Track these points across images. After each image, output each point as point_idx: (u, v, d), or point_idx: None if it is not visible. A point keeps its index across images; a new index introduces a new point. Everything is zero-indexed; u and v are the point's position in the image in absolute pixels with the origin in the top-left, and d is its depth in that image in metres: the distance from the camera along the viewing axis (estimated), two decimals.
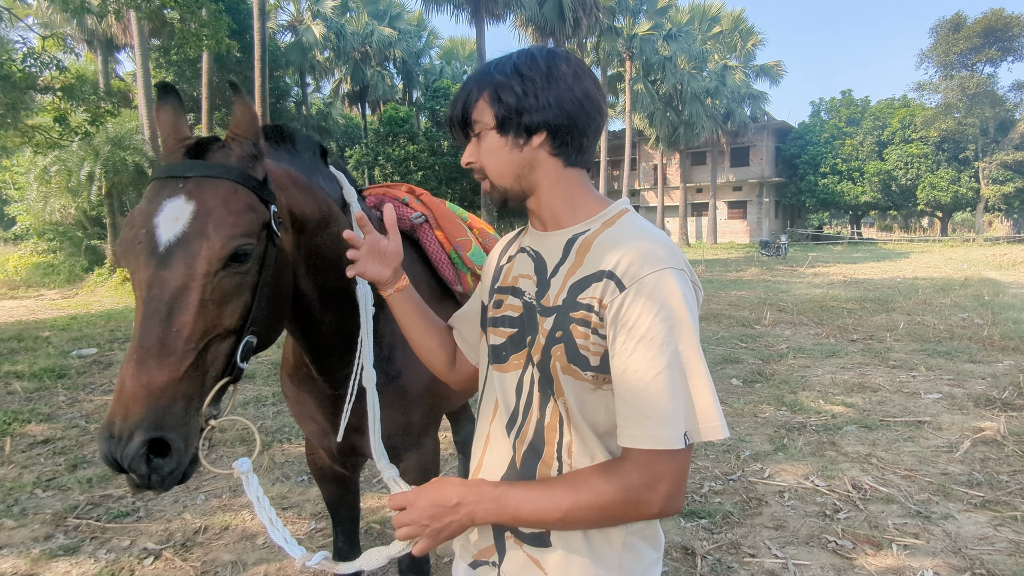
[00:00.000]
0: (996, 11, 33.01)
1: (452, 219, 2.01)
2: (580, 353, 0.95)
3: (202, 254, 1.05)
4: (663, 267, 0.90)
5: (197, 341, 1.04)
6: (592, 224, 1.02)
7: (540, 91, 0.97)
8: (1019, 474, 3.59)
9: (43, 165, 16.54)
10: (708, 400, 0.88)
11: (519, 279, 1.08)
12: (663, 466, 0.88)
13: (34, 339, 8.22)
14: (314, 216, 1.41)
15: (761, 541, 2.95)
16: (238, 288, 1.11)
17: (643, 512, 0.91)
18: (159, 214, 1.07)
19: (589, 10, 24.83)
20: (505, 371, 1.07)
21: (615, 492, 0.89)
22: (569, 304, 0.97)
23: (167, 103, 1.23)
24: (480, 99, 1.01)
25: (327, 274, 1.49)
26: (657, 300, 0.88)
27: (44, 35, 12.06)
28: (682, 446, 0.87)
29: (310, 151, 1.56)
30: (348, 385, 1.64)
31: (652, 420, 0.87)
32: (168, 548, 2.96)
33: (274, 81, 25.63)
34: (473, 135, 1.04)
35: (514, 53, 1.02)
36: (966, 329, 8.05)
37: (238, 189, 1.12)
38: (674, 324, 0.88)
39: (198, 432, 1.07)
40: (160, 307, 1.03)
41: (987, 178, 34.85)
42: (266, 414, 5.03)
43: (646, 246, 0.93)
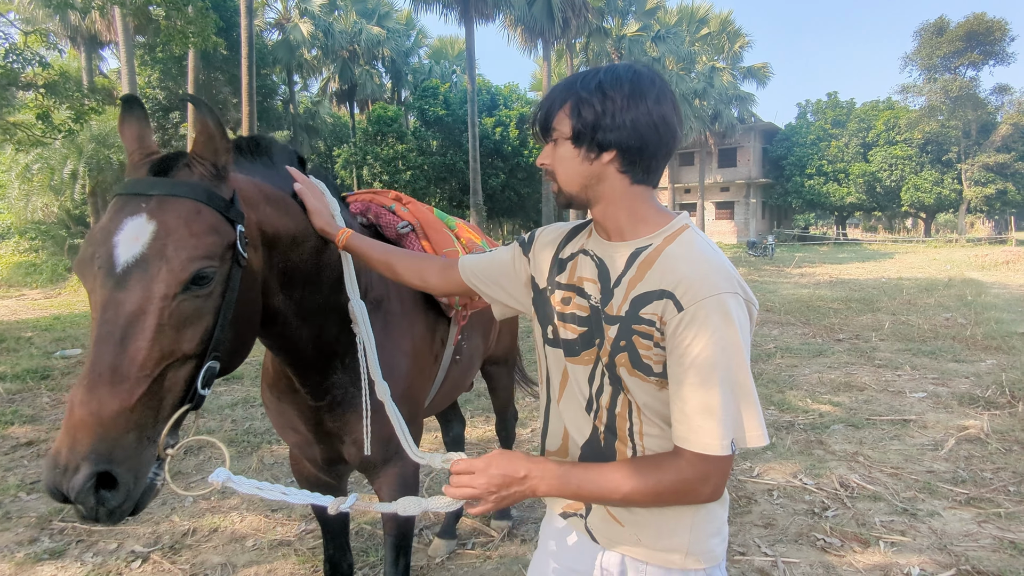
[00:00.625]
0: (978, 15, 33.50)
1: (439, 228, 1.99)
2: (643, 361, 1.06)
3: (160, 277, 1.01)
4: (719, 292, 0.99)
5: (152, 368, 1.00)
6: (654, 239, 1.09)
7: (618, 111, 1.02)
8: (1002, 471, 3.65)
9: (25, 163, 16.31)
10: (753, 412, 1.00)
11: (584, 281, 1.16)
12: (712, 467, 1.00)
13: (16, 340, 8.09)
14: (288, 232, 1.36)
15: (751, 539, 2.97)
16: (198, 312, 1.06)
17: (692, 499, 1.04)
18: (119, 232, 1.04)
19: (578, 10, 24.89)
20: (578, 364, 1.17)
21: (670, 483, 1.02)
22: (632, 317, 1.06)
23: (132, 115, 1.20)
24: (561, 109, 1.07)
25: (303, 290, 1.45)
26: (711, 324, 0.97)
27: (26, 31, 11.88)
28: (728, 453, 0.99)
29: (287, 162, 1.52)
30: (329, 396, 1.63)
31: (703, 430, 0.99)
32: (156, 551, 2.93)
33: (261, 79, 25.41)
34: (551, 140, 1.10)
35: (602, 69, 1.07)
36: (950, 329, 8.16)
37: (202, 209, 1.08)
38: (726, 346, 0.97)
39: (151, 463, 1.02)
40: (114, 331, 0.98)
41: (969, 180, 35.36)
42: (254, 415, 4.99)
43: (704, 269, 1.01)
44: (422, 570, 2.78)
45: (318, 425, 1.69)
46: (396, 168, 28.81)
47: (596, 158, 1.06)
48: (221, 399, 5.43)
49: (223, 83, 24.68)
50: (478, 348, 2.40)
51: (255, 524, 3.20)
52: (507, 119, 30.56)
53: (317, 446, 1.74)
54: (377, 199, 2.00)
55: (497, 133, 29.98)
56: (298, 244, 1.40)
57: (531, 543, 2.99)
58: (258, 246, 1.26)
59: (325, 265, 1.51)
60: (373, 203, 1.97)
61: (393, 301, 1.77)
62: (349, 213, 1.80)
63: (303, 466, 1.93)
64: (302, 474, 1.96)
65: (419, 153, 29.67)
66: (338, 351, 1.61)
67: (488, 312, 2.44)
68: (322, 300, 1.51)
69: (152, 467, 1.03)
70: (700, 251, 1.05)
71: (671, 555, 1.10)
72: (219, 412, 5.07)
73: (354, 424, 1.65)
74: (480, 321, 2.35)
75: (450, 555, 2.90)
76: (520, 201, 32.41)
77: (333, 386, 1.63)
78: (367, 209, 1.93)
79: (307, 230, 1.43)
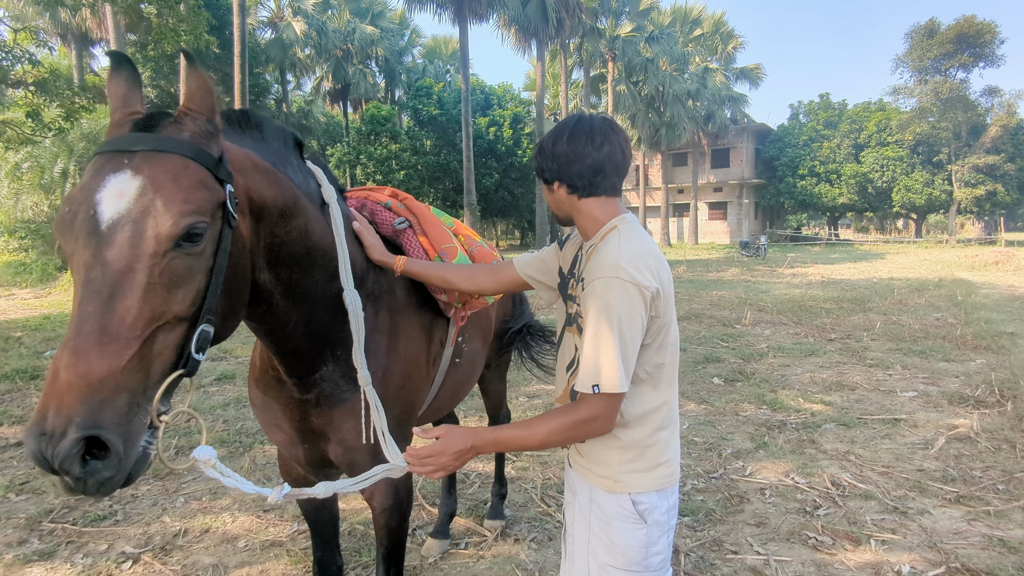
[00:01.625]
0: (968, 18, 33.76)
1: (437, 225, 1.96)
2: (579, 325, 1.42)
3: (149, 232, 0.97)
4: (603, 276, 1.31)
5: (143, 328, 0.95)
6: (595, 239, 1.43)
7: (554, 159, 1.42)
8: (991, 470, 3.68)
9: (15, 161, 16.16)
10: (612, 364, 1.28)
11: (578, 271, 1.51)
12: (594, 405, 1.33)
13: (5, 339, 8.02)
14: (276, 204, 1.33)
15: (743, 538, 2.98)
16: (190, 271, 1.02)
17: (589, 433, 1.37)
18: (102, 190, 0.99)
19: (572, 11, 24.93)
20: (572, 332, 1.49)
21: (570, 423, 1.34)
22: (576, 294, 1.44)
23: (120, 73, 1.15)
24: (538, 166, 1.48)
25: (291, 269, 1.41)
26: (595, 298, 1.31)
27: (16, 28, 11.77)
28: (590, 392, 1.31)
29: (280, 141, 1.49)
30: (316, 390, 1.59)
31: (583, 374, 1.32)
32: (147, 552, 2.90)
33: (254, 78, 25.32)
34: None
35: (569, 121, 1.44)
36: (940, 329, 8.23)
37: (189, 164, 1.04)
38: (600, 314, 1.30)
39: (143, 431, 0.97)
40: (101, 290, 0.94)
41: (960, 181, 35.65)
42: (246, 416, 4.97)
43: (602, 261, 1.34)
44: (415, 570, 2.78)
45: (303, 421, 1.64)
46: (390, 167, 28.75)
47: (551, 188, 1.46)
48: (213, 399, 5.40)
49: (215, 81, 23.88)
50: (479, 352, 2.35)
51: (247, 525, 3.18)
52: (501, 119, 30.56)
53: (302, 445, 1.70)
54: (373, 196, 1.98)
55: (491, 133, 29.98)
56: (285, 219, 1.36)
57: (524, 542, 2.99)
58: (246, 213, 1.22)
59: (315, 247, 1.47)
60: (369, 200, 1.94)
61: (388, 298, 1.74)
62: (347, 207, 1.77)
63: (291, 468, 1.90)
64: (290, 476, 1.93)
65: (413, 153, 29.63)
66: (328, 341, 1.56)
67: (485, 315, 2.44)
68: (311, 284, 1.47)
69: (144, 435, 0.97)
70: (608, 248, 1.36)
71: (605, 480, 1.44)
72: (211, 412, 5.04)
73: (340, 422, 1.61)
74: (479, 324, 2.32)
75: (443, 555, 2.90)
76: (514, 201, 32.42)
77: (321, 379, 1.59)
78: (362, 206, 1.91)
79: (295, 206, 1.39)
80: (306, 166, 1.56)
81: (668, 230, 36.92)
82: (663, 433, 1.46)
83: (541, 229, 26.41)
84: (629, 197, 41.57)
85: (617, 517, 1.44)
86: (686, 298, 12.01)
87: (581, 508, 1.52)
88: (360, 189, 2.01)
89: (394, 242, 1.91)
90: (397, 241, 1.90)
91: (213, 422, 4.79)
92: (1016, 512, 3.16)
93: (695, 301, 11.65)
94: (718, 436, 4.38)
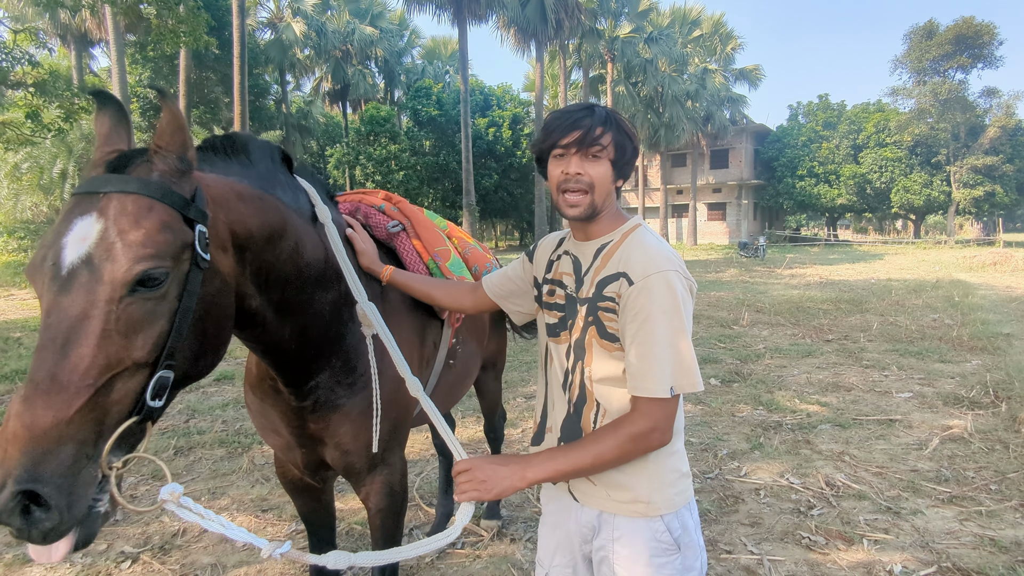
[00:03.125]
0: (967, 19, 33.80)
1: (430, 228, 1.97)
2: (608, 331, 1.30)
3: (105, 278, 0.95)
4: (661, 270, 1.23)
5: (96, 376, 0.92)
6: (614, 236, 1.35)
7: (632, 156, 1.34)
8: (984, 470, 3.71)
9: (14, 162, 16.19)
10: (690, 363, 1.21)
11: (563, 275, 1.42)
12: (658, 410, 1.21)
13: (4, 340, 8.04)
14: (262, 231, 1.31)
15: (737, 538, 3.01)
16: (150, 316, 0.99)
17: (647, 446, 1.24)
18: (68, 233, 0.98)
19: (571, 12, 24.95)
20: (559, 343, 1.41)
21: (627, 437, 1.22)
22: (597, 296, 1.31)
23: (105, 112, 1.14)
24: (609, 132, 1.29)
25: (283, 289, 1.40)
26: (655, 293, 1.22)
27: (15, 29, 11.80)
28: (668, 396, 1.20)
29: (267, 160, 1.47)
30: (313, 397, 1.59)
31: (648, 376, 1.21)
32: (146, 551, 2.93)
33: (253, 79, 25.32)
34: (590, 153, 1.29)
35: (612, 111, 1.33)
36: (937, 330, 8.26)
37: (154, 206, 1.02)
38: (666, 310, 1.21)
39: (92, 483, 0.93)
40: (57, 337, 0.92)
41: (958, 182, 35.69)
42: (245, 416, 4.99)
43: (651, 254, 1.26)
44: (412, 570, 2.80)
45: (300, 428, 1.65)
46: (389, 168, 28.77)
47: (615, 181, 1.34)
48: (212, 400, 5.42)
49: (215, 82, 24.56)
50: (474, 354, 2.35)
51: (245, 524, 3.20)
52: (500, 120, 30.58)
53: (299, 450, 1.70)
54: (367, 199, 1.98)
55: (490, 134, 30.01)
56: (273, 243, 1.35)
57: (520, 542, 3.01)
58: (228, 247, 1.20)
59: (306, 264, 1.46)
60: (363, 203, 1.95)
61: (381, 300, 1.75)
62: (338, 213, 1.78)
63: (287, 469, 1.91)
64: (286, 477, 1.94)
65: (412, 153, 29.65)
66: (323, 350, 1.57)
67: (481, 317, 2.46)
68: (304, 299, 1.47)
69: (93, 488, 0.94)
70: (648, 243, 1.30)
71: (634, 505, 1.29)
72: (210, 413, 5.06)
73: (337, 427, 1.62)
74: (474, 326, 2.32)
75: (440, 554, 2.92)
76: (513, 201, 32.44)
77: (317, 387, 1.59)
78: (356, 209, 1.91)
79: (283, 229, 1.38)
80: (295, 181, 1.54)
81: (667, 231, 36.96)
82: (681, 439, 1.36)
83: (540, 229, 26.42)
84: (628, 198, 41.61)
85: (650, 550, 1.27)
86: None
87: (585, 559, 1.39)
88: (353, 192, 2.02)
89: (388, 245, 1.92)
90: (391, 244, 1.91)
91: (212, 422, 4.82)
92: (1008, 512, 3.18)
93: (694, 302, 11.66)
94: (714, 437, 4.40)
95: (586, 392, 1.35)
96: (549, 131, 1.31)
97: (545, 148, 1.32)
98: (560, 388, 1.41)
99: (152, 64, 23.02)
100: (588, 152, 1.27)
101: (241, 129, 13.43)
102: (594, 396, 1.33)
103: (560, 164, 1.30)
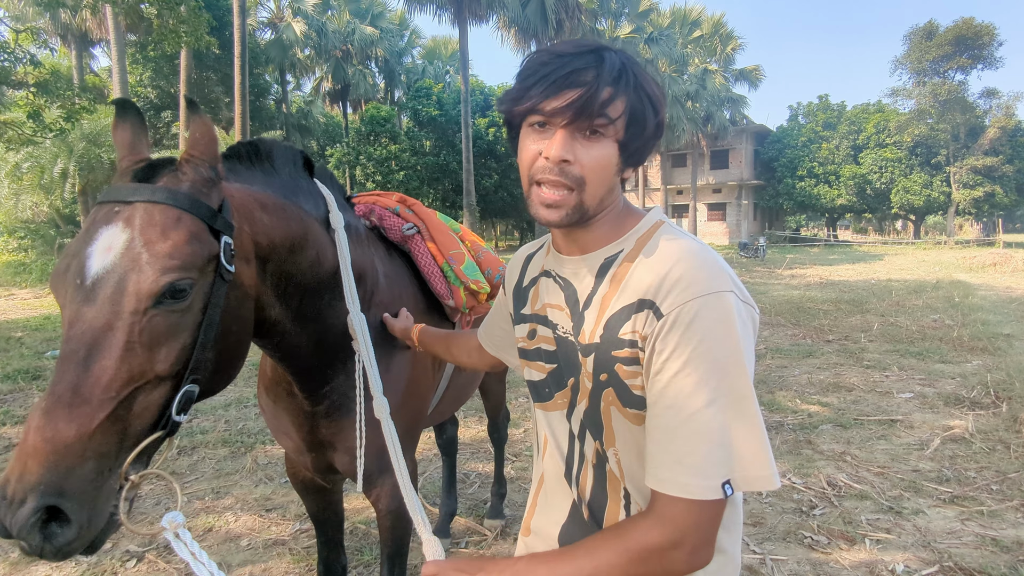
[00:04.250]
0: (967, 20, 33.84)
1: (444, 231, 1.97)
2: (634, 394, 0.85)
3: (131, 289, 0.93)
4: (709, 292, 0.79)
5: (119, 389, 0.90)
6: (625, 243, 0.91)
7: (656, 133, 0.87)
8: (986, 470, 3.72)
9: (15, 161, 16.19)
10: (757, 443, 0.77)
11: (548, 308, 0.98)
12: (692, 517, 0.76)
13: (6, 340, 8.05)
14: (285, 243, 1.30)
15: (740, 537, 3.02)
16: (174, 329, 0.97)
17: (665, 570, 0.79)
18: (93, 243, 0.96)
19: (572, 12, 24.96)
20: (550, 410, 0.98)
21: (636, 552, 0.78)
22: (609, 340, 0.86)
23: (126, 120, 1.12)
24: (622, 96, 0.83)
25: (302, 298, 1.39)
26: (700, 329, 0.78)
27: (16, 29, 11.80)
28: (719, 496, 0.75)
29: (290, 166, 1.45)
30: (327, 401, 1.59)
31: (683, 465, 0.76)
32: (151, 550, 2.94)
33: (254, 79, 25.33)
34: (588, 128, 0.83)
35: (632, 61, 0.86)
36: (937, 330, 8.27)
37: (182, 216, 1.00)
38: (720, 356, 0.77)
39: (111, 497, 0.91)
40: (79, 349, 0.90)
41: (958, 182, 35.72)
42: (248, 415, 5.00)
43: (689, 266, 0.82)
44: (417, 568, 2.81)
45: (312, 431, 1.66)
46: (389, 168, 28.77)
47: (622, 171, 0.89)
48: (215, 399, 5.43)
49: (215, 82, 24.58)
50: None
51: (250, 524, 3.22)
52: (500, 120, 30.51)
53: (309, 453, 1.71)
54: (381, 201, 1.98)
55: (490, 134, 30.00)
56: (295, 253, 1.34)
57: None
58: (251, 259, 1.19)
59: (326, 272, 1.46)
60: (377, 205, 1.95)
61: (397, 305, 1.75)
62: (354, 215, 1.78)
63: (298, 470, 1.92)
64: (297, 477, 1.95)
65: (412, 153, 29.64)
66: (339, 355, 1.57)
67: None
68: (322, 306, 1.47)
69: (112, 500, 0.92)
70: (683, 247, 0.85)
71: None
72: (212, 412, 5.07)
73: (348, 432, 1.62)
74: None
75: (444, 554, 2.93)
76: (513, 202, 32.43)
77: (332, 391, 1.60)
78: (371, 211, 1.91)
79: (305, 239, 1.37)
80: (316, 187, 1.53)
81: None
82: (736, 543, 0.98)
83: (541, 230, 26.44)
84: (628, 198, 41.43)
85: None
86: None
87: None
88: (368, 194, 2.02)
89: (402, 248, 1.92)
90: (405, 247, 1.91)
91: (215, 422, 4.83)
92: (1009, 512, 3.20)
93: None
94: None
95: (608, 487, 0.92)
96: (527, 84, 0.84)
97: (518, 112, 0.86)
98: (561, 479, 0.98)
99: (153, 64, 23.05)
100: (585, 127, 0.82)
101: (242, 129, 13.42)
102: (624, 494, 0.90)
103: (538, 139, 0.85)
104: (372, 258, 1.70)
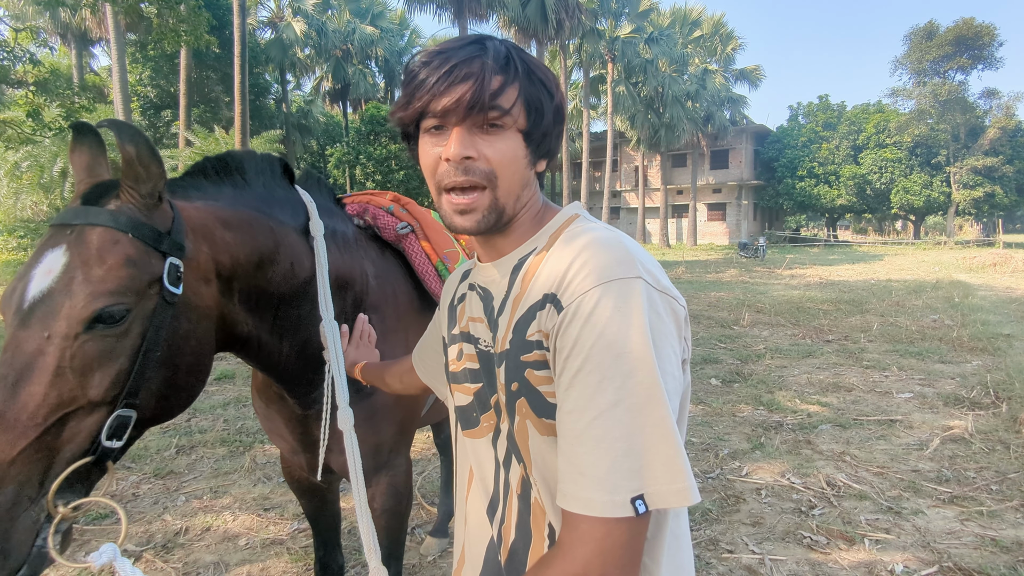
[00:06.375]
0: (967, 20, 33.84)
1: (439, 230, 1.95)
2: (549, 403, 0.75)
3: (62, 314, 0.92)
4: (608, 279, 0.70)
5: (46, 416, 0.89)
6: (538, 241, 0.84)
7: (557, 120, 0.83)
8: (985, 470, 3.72)
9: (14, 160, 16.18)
10: (667, 451, 0.65)
11: (471, 323, 0.90)
12: (595, 541, 0.65)
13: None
14: (252, 259, 1.26)
15: (739, 537, 3.01)
16: (108, 354, 0.95)
17: None
18: (37, 266, 0.96)
19: (572, 12, 24.97)
20: (477, 436, 0.88)
21: None
22: (518, 344, 0.78)
23: (83, 143, 1.11)
24: (515, 83, 0.77)
25: (277, 310, 1.37)
26: (599, 321, 0.68)
27: (16, 28, 11.79)
28: (627, 514, 0.64)
29: (265, 176, 1.41)
30: (317, 405, 1.58)
31: (586, 477, 0.66)
32: (149, 550, 2.93)
33: (254, 78, 25.33)
34: (485, 122, 0.77)
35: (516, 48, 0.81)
36: (937, 330, 8.26)
37: (120, 239, 0.98)
38: (623, 351, 0.67)
39: (32, 526, 0.89)
40: (10, 374, 0.89)
41: (958, 183, 35.72)
42: (246, 415, 5.00)
43: (593, 254, 0.73)
44: (414, 568, 2.81)
45: (305, 434, 1.66)
46: (389, 168, 28.76)
47: (534, 164, 0.83)
48: (213, 399, 5.42)
49: (215, 81, 24.57)
50: None
51: (247, 523, 3.21)
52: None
53: (304, 454, 1.72)
54: (375, 200, 1.96)
55: None
56: (264, 268, 1.30)
57: None
58: (211, 279, 1.15)
59: (304, 282, 1.43)
60: (371, 204, 1.93)
61: (391, 305, 1.74)
62: (346, 216, 1.76)
63: (294, 470, 1.92)
64: (292, 477, 1.95)
65: None
66: (325, 361, 1.55)
67: None
68: (303, 315, 1.44)
69: (38, 532, 0.90)
70: (591, 237, 0.77)
71: None
72: (211, 412, 5.07)
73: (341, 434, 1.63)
74: None
75: (442, 553, 2.93)
76: None
77: (321, 396, 1.59)
78: (364, 211, 1.89)
79: (275, 252, 1.33)
80: (295, 195, 1.50)
81: (667, 231, 36.96)
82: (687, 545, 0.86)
83: None
84: (628, 198, 41.65)
85: None
86: (685, 299, 12.02)
87: None
88: (361, 194, 2.00)
89: (395, 247, 1.91)
90: (399, 246, 1.90)
91: (213, 421, 4.82)
92: (1008, 512, 3.19)
93: (694, 302, 11.68)
94: (715, 437, 4.41)
95: (531, 521, 0.81)
96: (414, 87, 0.77)
97: (409, 118, 0.80)
98: (484, 515, 0.88)
99: (152, 63, 23.04)
100: (481, 121, 0.76)
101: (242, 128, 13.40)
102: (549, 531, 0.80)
103: (436, 143, 0.79)
104: (362, 262, 1.67)
